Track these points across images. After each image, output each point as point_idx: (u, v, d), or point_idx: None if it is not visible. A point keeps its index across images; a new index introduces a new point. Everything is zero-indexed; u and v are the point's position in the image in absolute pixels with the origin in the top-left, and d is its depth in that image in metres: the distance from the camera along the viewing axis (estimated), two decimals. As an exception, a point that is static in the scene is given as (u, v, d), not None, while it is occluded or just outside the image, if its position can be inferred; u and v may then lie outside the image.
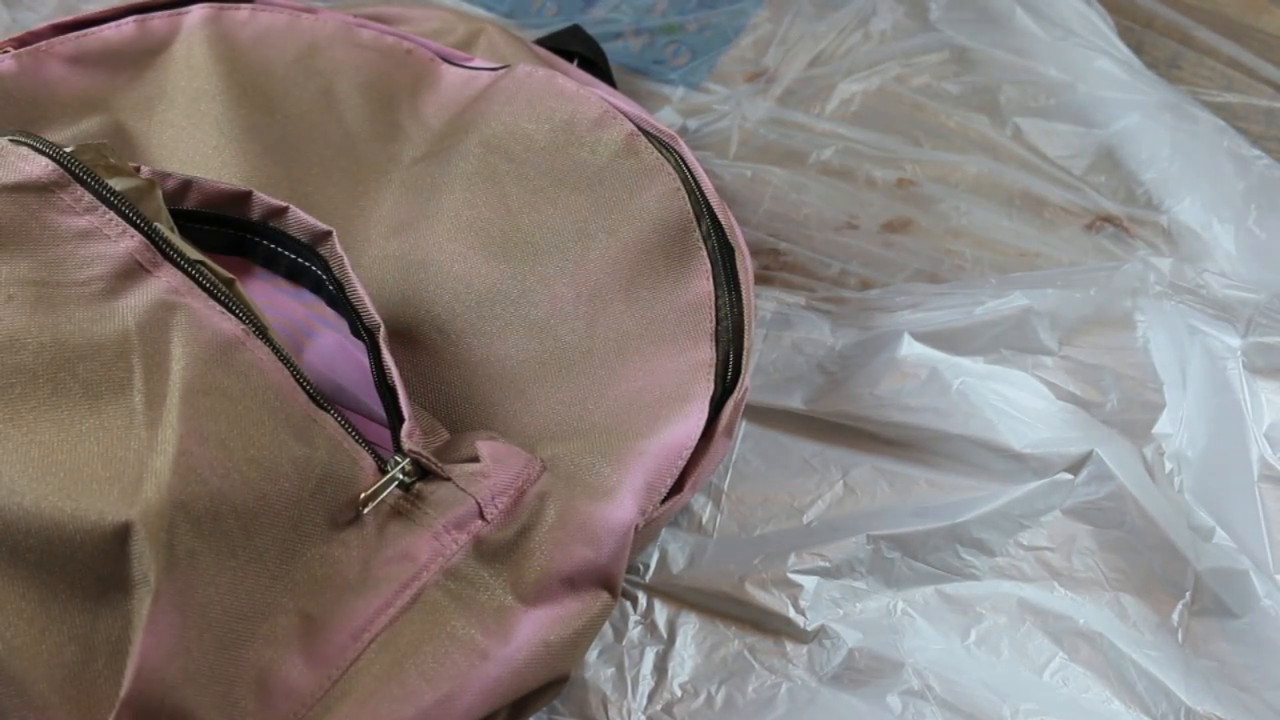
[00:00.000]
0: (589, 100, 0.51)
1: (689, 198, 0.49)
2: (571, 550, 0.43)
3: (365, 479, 0.41)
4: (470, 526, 0.42)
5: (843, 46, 0.71)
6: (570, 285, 0.48)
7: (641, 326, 0.48)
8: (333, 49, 0.54)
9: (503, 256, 0.49)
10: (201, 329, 0.39)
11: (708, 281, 0.48)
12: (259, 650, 0.38)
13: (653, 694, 0.48)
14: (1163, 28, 0.72)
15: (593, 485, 0.44)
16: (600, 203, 0.49)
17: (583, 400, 0.47)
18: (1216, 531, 0.50)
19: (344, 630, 0.39)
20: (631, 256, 0.48)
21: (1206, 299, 0.57)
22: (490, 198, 0.50)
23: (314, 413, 0.41)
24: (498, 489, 0.42)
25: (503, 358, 0.48)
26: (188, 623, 0.37)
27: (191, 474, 0.37)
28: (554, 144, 0.50)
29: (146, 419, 0.38)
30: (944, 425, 0.53)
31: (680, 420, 0.46)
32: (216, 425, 0.38)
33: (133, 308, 0.39)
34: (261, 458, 0.39)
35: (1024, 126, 0.67)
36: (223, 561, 0.38)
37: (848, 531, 0.51)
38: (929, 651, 0.49)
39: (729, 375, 0.48)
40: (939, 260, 0.62)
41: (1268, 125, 0.67)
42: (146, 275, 0.40)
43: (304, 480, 0.39)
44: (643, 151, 0.50)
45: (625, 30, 0.73)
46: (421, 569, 0.41)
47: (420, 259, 0.49)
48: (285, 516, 0.39)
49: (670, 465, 0.45)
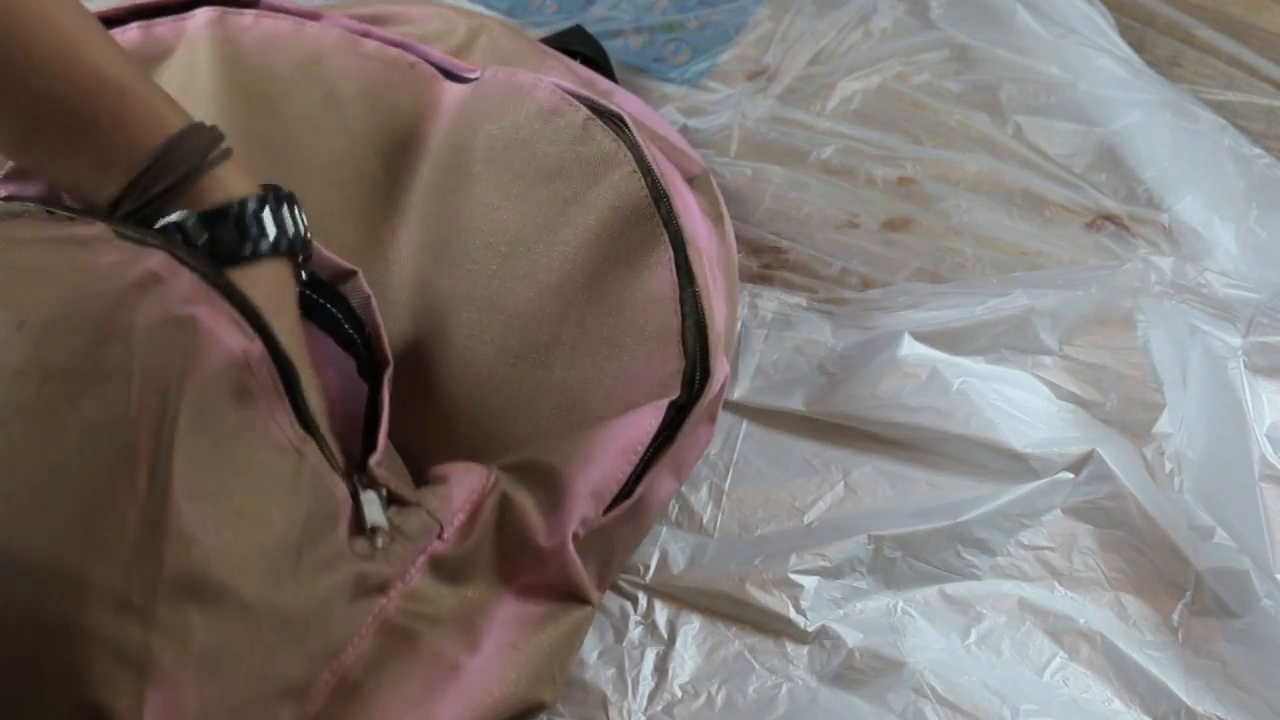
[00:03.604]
0: (544, 88, 0.51)
1: (644, 179, 0.49)
2: (520, 561, 0.43)
3: (341, 510, 0.40)
4: (428, 547, 0.42)
5: (843, 44, 0.71)
6: (534, 286, 0.48)
7: (607, 327, 0.48)
8: (336, 58, 0.54)
9: (471, 264, 0.49)
10: (207, 352, 0.37)
11: (670, 271, 0.48)
12: (265, 704, 0.37)
13: (653, 694, 0.48)
14: (1164, 26, 0.72)
15: (539, 497, 0.44)
16: (561, 194, 0.49)
17: (550, 409, 0.47)
18: (1217, 531, 0.50)
19: (325, 667, 0.39)
20: (594, 249, 0.48)
21: (1207, 298, 0.57)
22: (467, 207, 0.50)
23: (301, 443, 0.39)
24: (456, 506, 0.42)
25: (472, 374, 0.48)
26: (197, 700, 0.36)
27: (184, 539, 0.35)
28: (514, 140, 0.50)
29: (144, 464, 0.36)
30: (945, 425, 0.53)
31: (630, 424, 0.46)
32: (208, 473, 0.36)
33: (142, 327, 0.37)
34: (249, 508, 0.37)
35: (1025, 125, 0.67)
36: (235, 621, 0.36)
37: (849, 532, 0.51)
38: (929, 651, 0.49)
39: (697, 379, 0.47)
40: (940, 258, 0.62)
41: (1269, 124, 0.67)
42: (161, 284, 0.37)
43: (291, 524, 0.38)
44: (599, 136, 0.49)
45: (626, 28, 0.73)
46: (388, 596, 0.41)
47: (419, 285, 0.49)
48: (282, 562, 0.38)
49: (616, 470, 0.45)
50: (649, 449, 0.46)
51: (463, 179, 0.51)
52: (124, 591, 0.34)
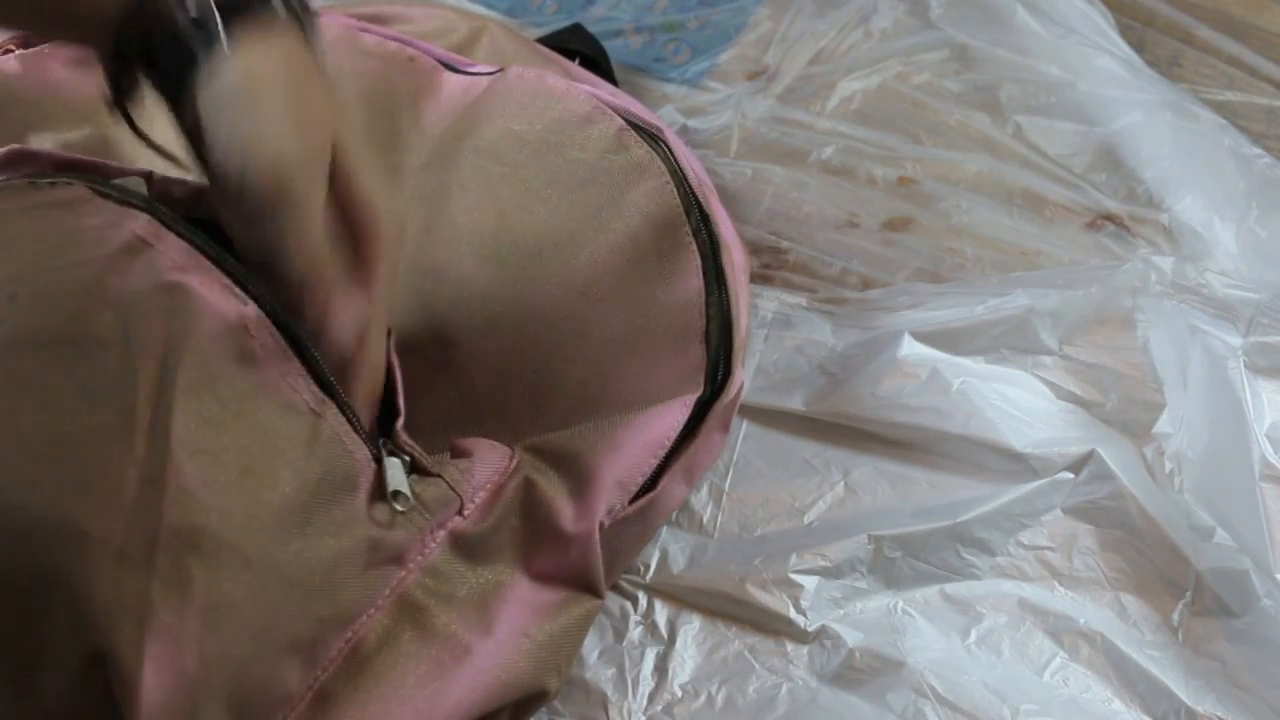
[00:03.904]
0: (577, 97, 0.51)
1: (678, 191, 0.49)
2: (540, 546, 0.43)
3: (362, 473, 0.40)
4: (449, 522, 0.42)
5: (843, 44, 0.71)
6: (562, 286, 0.48)
7: (633, 327, 0.48)
8: (335, 53, 0.54)
9: (495, 261, 0.49)
10: (201, 318, 0.38)
11: (698, 278, 0.48)
12: (268, 661, 0.38)
13: (653, 694, 0.48)
14: (1164, 26, 0.72)
15: (565, 482, 0.44)
16: (592, 201, 0.49)
17: (568, 402, 0.47)
18: (1217, 531, 0.50)
19: (338, 633, 0.39)
20: (623, 254, 0.48)
21: (1207, 298, 0.57)
22: (483, 202, 0.50)
23: (319, 404, 0.39)
24: (479, 484, 0.42)
25: (494, 362, 0.48)
26: (197, 652, 0.36)
27: (184, 495, 0.36)
28: (545, 144, 0.50)
29: (143, 426, 0.36)
30: (945, 425, 0.53)
31: (658, 418, 0.46)
32: (210, 434, 0.37)
33: (133, 292, 0.37)
34: (255, 466, 0.38)
35: (1025, 124, 0.67)
36: (236, 576, 0.37)
37: (849, 531, 0.51)
38: (929, 651, 0.49)
39: (719, 375, 0.48)
40: (940, 258, 0.62)
41: (1269, 124, 0.67)
42: (148, 249, 0.38)
43: (302, 484, 0.39)
44: (632, 146, 0.50)
45: (626, 28, 0.73)
46: (406, 569, 0.41)
47: (422, 267, 0.49)
48: (289, 521, 0.38)
49: (643, 463, 0.46)
50: (673, 444, 0.46)
51: (477, 170, 0.50)
52: (123, 544, 0.35)
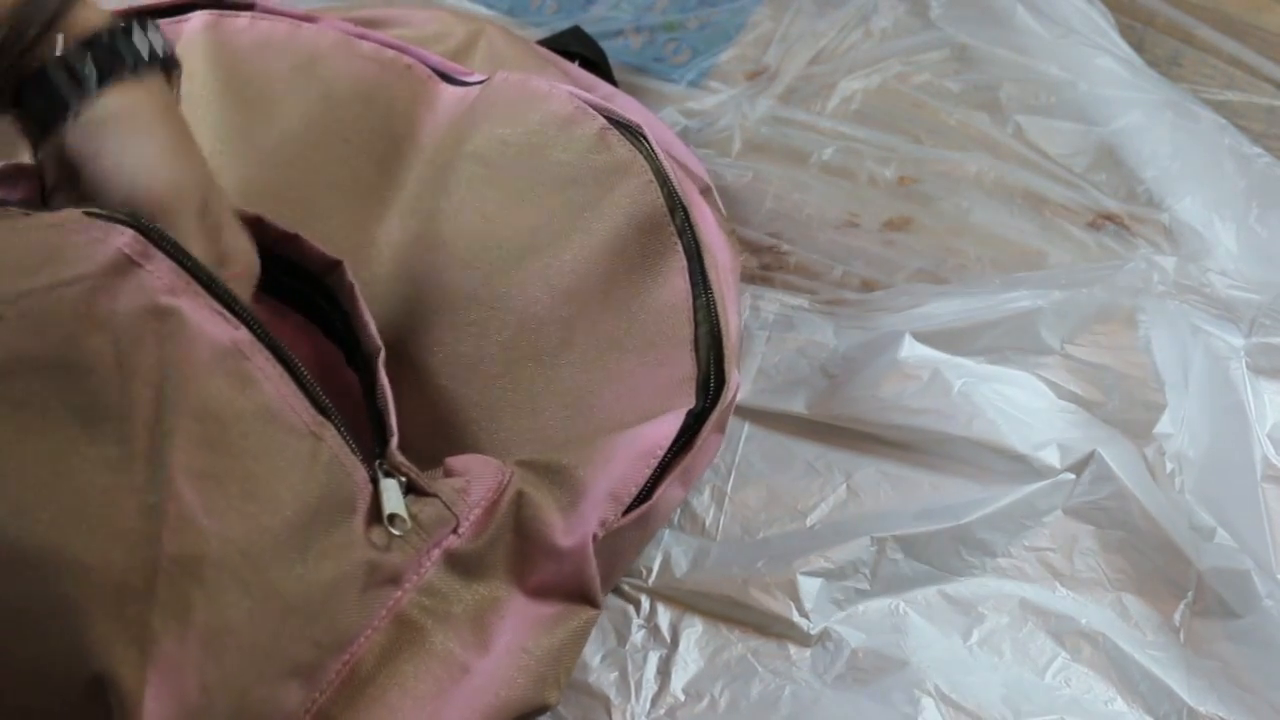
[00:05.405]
0: (560, 98, 0.51)
1: (661, 189, 0.49)
2: (534, 560, 0.43)
3: (360, 495, 0.40)
4: (444, 541, 0.41)
5: (844, 44, 0.71)
6: (547, 290, 0.48)
7: (619, 331, 0.48)
8: (333, 59, 0.54)
9: (481, 265, 0.49)
10: (195, 344, 0.37)
11: (684, 280, 0.48)
12: (268, 685, 0.37)
13: (656, 698, 0.48)
14: (1164, 26, 0.72)
15: (557, 495, 0.44)
16: (575, 202, 0.49)
17: (556, 409, 0.47)
18: (1218, 531, 0.50)
19: (336, 656, 0.39)
20: (608, 255, 0.48)
21: (1209, 298, 0.57)
22: (469, 207, 0.50)
23: (318, 426, 0.39)
24: (474, 502, 0.42)
25: (483, 368, 0.48)
26: (198, 679, 0.36)
27: (184, 523, 0.35)
28: (529, 147, 0.50)
29: (141, 453, 0.36)
30: (946, 427, 0.53)
31: (650, 429, 0.46)
32: (211, 458, 0.37)
33: (124, 314, 0.36)
34: (258, 491, 0.37)
35: (1025, 124, 0.67)
36: (237, 603, 0.36)
37: (851, 534, 0.51)
38: (932, 652, 0.49)
39: (711, 386, 0.48)
40: (941, 258, 0.62)
41: (1269, 123, 0.67)
42: (137, 269, 0.37)
43: (303, 506, 0.38)
44: (615, 145, 0.50)
45: (625, 28, 0.73)
46: (402, 589, 0.41)
47: (409, 275, 0.49)
48: (289, 545, 0.38)
49: (636, 474, 0.45)
50: (666, 454, 0.46)
51: (464, 176, 0.50)
52: (123, 574, 0.35)
